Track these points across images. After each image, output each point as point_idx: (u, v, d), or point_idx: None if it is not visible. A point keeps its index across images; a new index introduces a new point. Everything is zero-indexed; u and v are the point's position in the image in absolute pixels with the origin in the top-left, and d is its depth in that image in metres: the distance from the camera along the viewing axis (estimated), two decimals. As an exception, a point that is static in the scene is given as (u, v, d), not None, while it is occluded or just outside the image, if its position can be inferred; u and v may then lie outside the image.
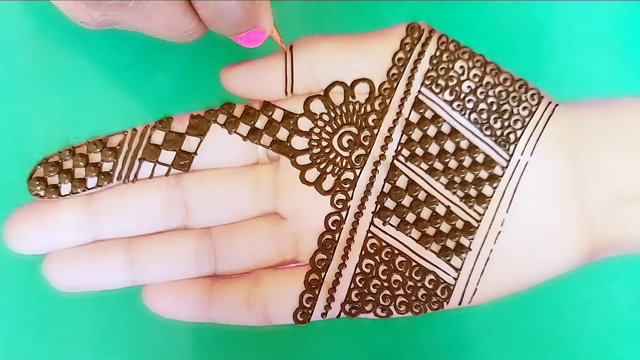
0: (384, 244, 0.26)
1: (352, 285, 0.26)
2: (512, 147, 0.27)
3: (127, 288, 0.27)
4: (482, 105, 0.27)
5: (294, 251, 0.27)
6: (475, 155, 0.27)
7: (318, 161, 0.27)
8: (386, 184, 0.27)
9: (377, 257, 0.26)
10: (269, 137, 0.27)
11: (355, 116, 0.27)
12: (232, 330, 0.27)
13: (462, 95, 0.27)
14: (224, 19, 0.23)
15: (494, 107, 0.27)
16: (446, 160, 0.27)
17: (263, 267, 0.27)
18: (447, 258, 0.26)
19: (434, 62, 0.27)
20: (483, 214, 0.26)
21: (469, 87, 0.27)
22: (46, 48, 0.29)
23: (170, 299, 0.26)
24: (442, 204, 0.27)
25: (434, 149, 0.27)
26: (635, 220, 0.26)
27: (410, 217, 0.27)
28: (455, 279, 0.26)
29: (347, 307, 0.26)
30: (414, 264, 0.26)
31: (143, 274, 0.26)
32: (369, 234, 0.26)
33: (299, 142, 0.27)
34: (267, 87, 0.27)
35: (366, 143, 0.27)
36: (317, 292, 0.26)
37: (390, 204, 0.27)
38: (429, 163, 0.27)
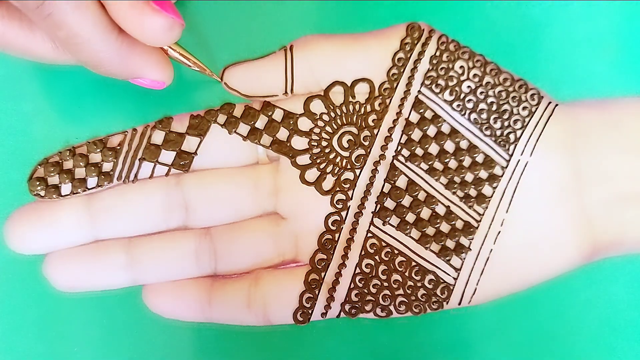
0: (383, 244, 0.26)
1: (352, 285, 0.26)
2: (512, 147, 0.27)
3: (127, 288, 0.27)
4: (482, 105, 0.27)
5: (294, 251, 0.27)
6: (475, 155, 0.27)
7: (318, 161, 0.27)
8: (386, 184, 0.27)
9: (377, 257, 0.26)
10: (269, 137, 0.27)
11: (355, 116, 0.27)
12: (232, 330, 0.27)
13: (462, 95, 0.27)
14: (97, 69, 0.23)
15: (494, 107, 0.27)
16: (446, 160, 0.27)
17: (263, 267, 0.27)
18: (447, 258, 0.26)
19: (434, 62, 0.27)
20: (483, 214, 0.26)
21: (469, 87, 0.27)
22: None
23: (171, 299, 0.26)
24: (442, 204, 0.27)
25: (434, 149, 0.27)
26: (635, 220, 0.26)
27: (410, 217, 0.27)
28: (455, 279, 0.26)
29: (347, 307, 0.26)
30: (413, 264, 0.26)
31: (143, 273, 0.26)
32: (369, 234, 0.26)
33: (299, 142, 0.27)
34: (267, 87, 0.27)
35: (366, 143, 0.27)
36: (317, 292, 0.26)
37: (390, 204, 0.27)
38: (429, 163, 0.27)
